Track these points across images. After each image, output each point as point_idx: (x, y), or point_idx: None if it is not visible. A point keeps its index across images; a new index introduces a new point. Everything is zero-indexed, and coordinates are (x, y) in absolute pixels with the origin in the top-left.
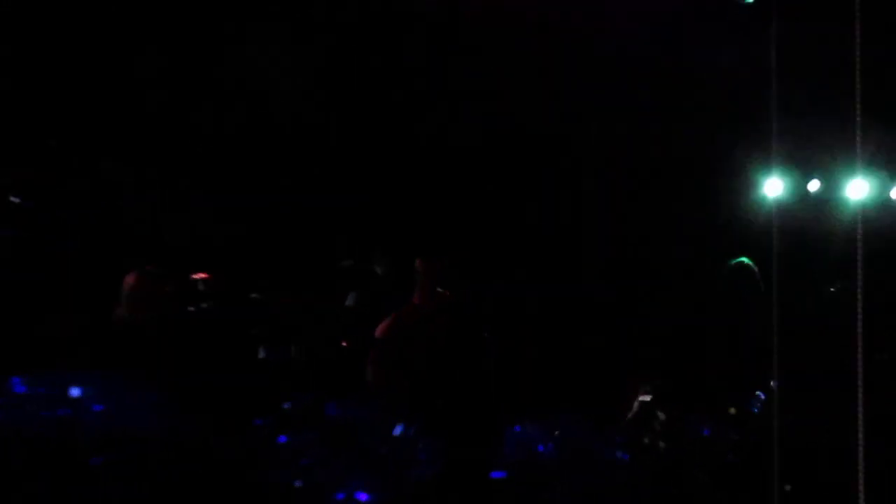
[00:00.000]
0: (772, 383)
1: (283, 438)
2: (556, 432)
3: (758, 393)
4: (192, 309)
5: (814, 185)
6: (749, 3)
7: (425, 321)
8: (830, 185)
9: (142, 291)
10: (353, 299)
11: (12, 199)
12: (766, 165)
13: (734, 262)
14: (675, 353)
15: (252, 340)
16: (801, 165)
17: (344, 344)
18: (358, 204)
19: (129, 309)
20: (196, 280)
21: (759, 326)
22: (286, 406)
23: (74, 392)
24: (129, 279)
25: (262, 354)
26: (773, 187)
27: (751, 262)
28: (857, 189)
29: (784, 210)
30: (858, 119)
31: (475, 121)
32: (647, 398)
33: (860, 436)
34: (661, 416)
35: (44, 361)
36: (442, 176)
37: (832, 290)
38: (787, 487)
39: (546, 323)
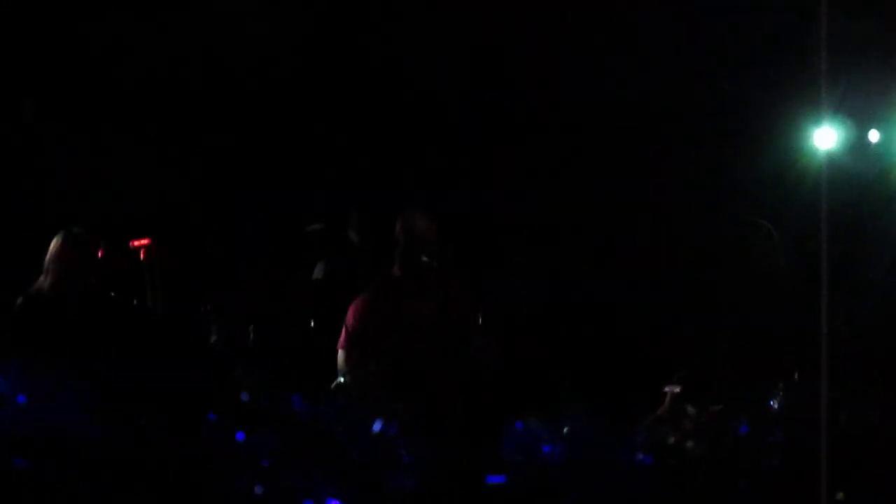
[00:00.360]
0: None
1: (240, 436)
2: (565, 430)
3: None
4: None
5: (874, 136)
6: None
7: (408, 296)
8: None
9: (66, 258)
10: (322, 270)
11: None
12: (817, 113)
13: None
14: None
15: (202, 320)
16: (857, 114)
17: (311, 324)
18: (328, 154)
19: (52, 280)
20: (134, 247)
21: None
22: (243, 398)
23: None
24: (54, 244)
25: (213, 337)
26: (826, 138)
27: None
28: None
29: (837, 164)
30: None
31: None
32: (676, 389)
33: None
34: (691, 411)
35: None
36: (428, 118)
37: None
38: (840, 496)
39: (552, 301)
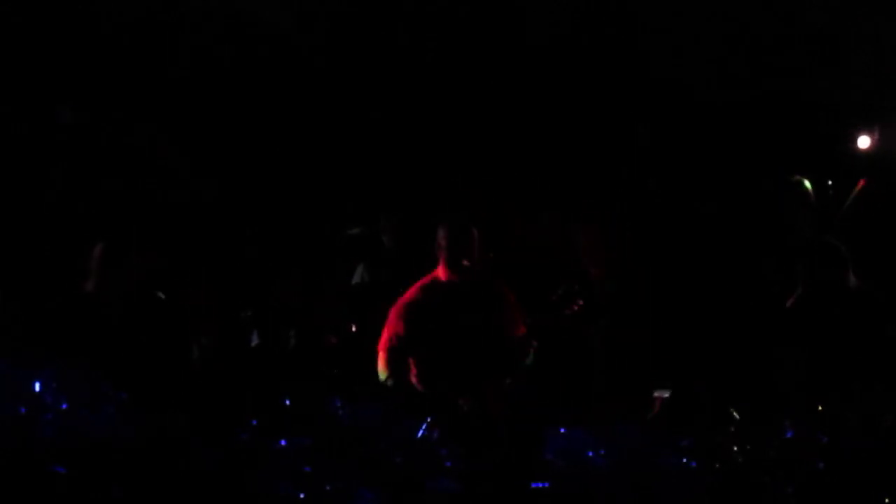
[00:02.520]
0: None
1: (281, 442)
2: (609, 434)
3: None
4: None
5: None
6: None
7: (454, 301)
8: None
9: (109, 263)
10: (362, 274)
11: None
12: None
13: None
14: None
15: (242, 325)
16: None
17: (351, 328)
18: (365, 158)
19: (96, 285)
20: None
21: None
22: (285, 403)
23: (35, 386)
24: (97, 249)
25: (254, 341)
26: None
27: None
28: None
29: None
30: None
31: (510, 49)
32: (665, 394)
33: None
34: (736, 415)
35: None
36: (465, 120)
37: None
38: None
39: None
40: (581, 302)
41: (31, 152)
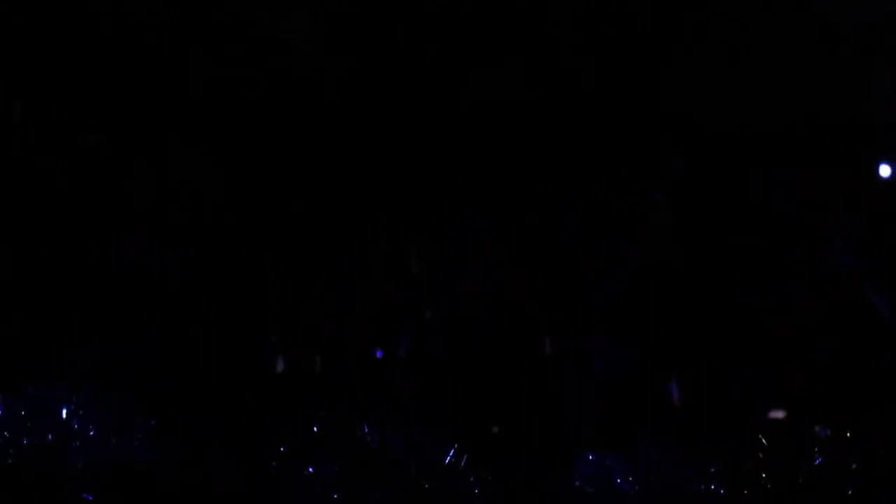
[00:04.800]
0: None
1: (310, 468)
2: (639, 460)
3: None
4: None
5: None
6: None
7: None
8: None
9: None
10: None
11: None
12: None
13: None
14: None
15: (268, 347)
16: None
17: (378, 351)
18: (392, 182)
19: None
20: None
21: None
22: (315, 429)
23: (62, 412)
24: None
25: (279, 366)
26: None
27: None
28: None
29: None
30: None
31: (534, 81)
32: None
33: None
34: (763, 440)
35: (22, 371)
36: (491, 145)
37: None
38: None
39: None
40: None
41: (53, 175)
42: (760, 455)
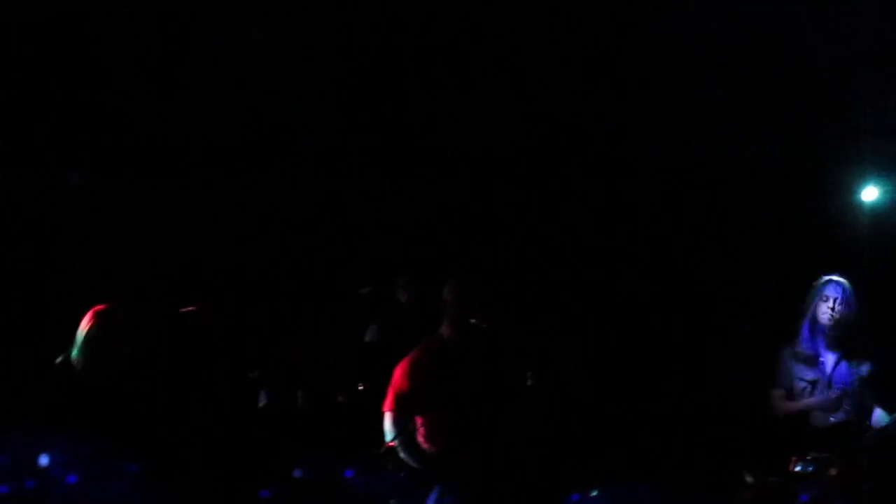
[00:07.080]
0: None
1: None
2: (625, 499)
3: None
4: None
5: None
6: None
7: (457, 358)
8: None
9: (105, 333)
10: (374, 333)
11: None
12: (862, 167)
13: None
14: None
15: (251, 385)
16: None
17: (361, 388)
18: (376, 219)
19: (90, 355)
20: (183, 314)
21: None
22: (297, 474)
23: (43, 460)
24: (86, 320)
25: (262, 401)
26: (870, 193)
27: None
28: None
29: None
30: None
31: (513, 117)
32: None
33: None
34: (749, 479)
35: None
36: (473, 184)
37: None
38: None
39: (607, 360)
40: None
41: (35, 216)
42: (746, 497)
